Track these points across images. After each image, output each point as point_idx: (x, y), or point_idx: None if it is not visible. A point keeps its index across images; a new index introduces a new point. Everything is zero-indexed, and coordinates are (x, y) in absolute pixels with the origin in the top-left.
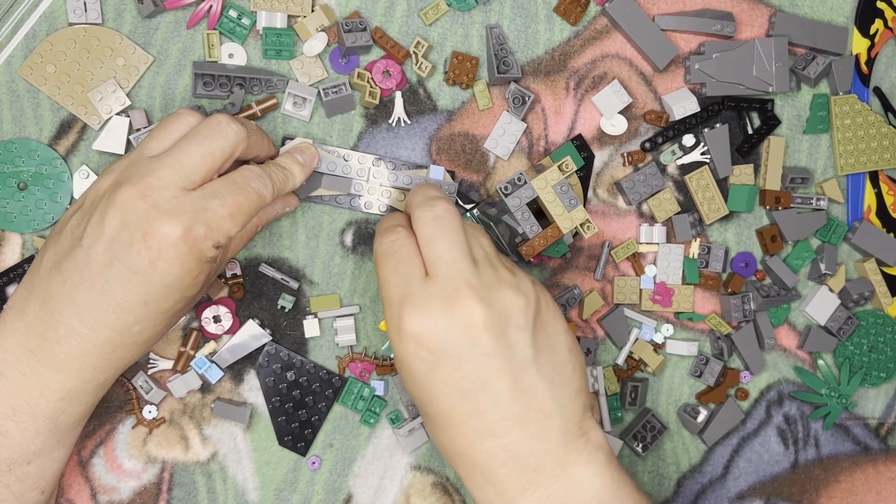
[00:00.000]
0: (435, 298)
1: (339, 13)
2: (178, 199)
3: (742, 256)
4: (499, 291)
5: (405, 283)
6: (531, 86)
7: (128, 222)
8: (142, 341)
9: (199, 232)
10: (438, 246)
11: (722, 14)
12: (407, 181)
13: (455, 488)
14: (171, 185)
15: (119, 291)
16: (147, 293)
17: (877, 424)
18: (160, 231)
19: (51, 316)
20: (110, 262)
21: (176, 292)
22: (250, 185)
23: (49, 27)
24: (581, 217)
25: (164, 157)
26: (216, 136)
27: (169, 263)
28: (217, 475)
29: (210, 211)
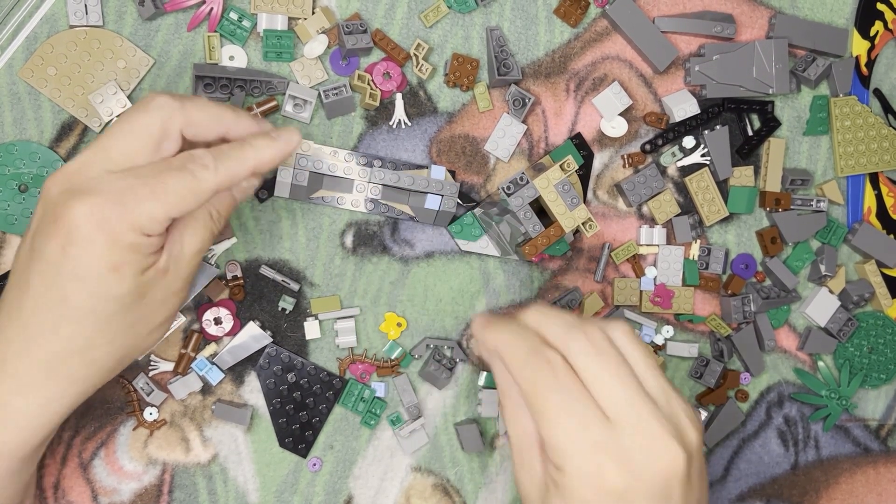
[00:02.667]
0: (635, 450)
1: (339, 15)
2: (93, 180)
3: (742, 258)
4: (685, 430)
5: (587, 428)
6: (531, 88)
7: (45, 211)
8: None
9: (112, 212)
10: (611, 384)
11: (722, 16)
12: (408, 182)
13: (455, 489)
14: (91, 167)
15: (36, 286)
16: (62, 286)
17: (877, 426)
18: (69, 212)
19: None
20: (30, 257)
21: (94, 285)
22: (186, 165)
23: (50, 29)
24: (583, 216)
25: (91, 142)
26: (140, 113)
27: (78, 248)
28: (218, 477)
29: (128, 190)
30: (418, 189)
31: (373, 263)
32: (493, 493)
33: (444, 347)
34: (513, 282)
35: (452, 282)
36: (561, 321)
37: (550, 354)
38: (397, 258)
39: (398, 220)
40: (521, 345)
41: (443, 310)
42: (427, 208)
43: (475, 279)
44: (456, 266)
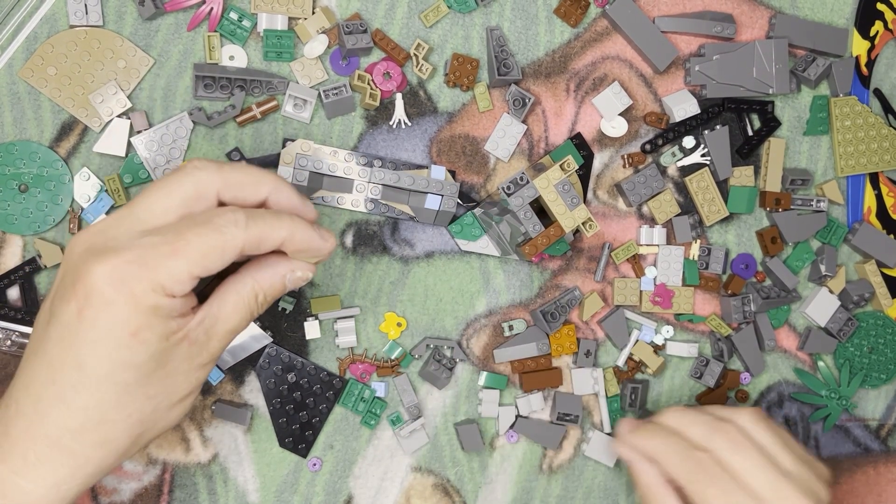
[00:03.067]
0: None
1: (339, 15)
2: (116, 240)
3: (742, 258)
4: (818, 490)
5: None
6: (531, 88)
7: (66, 271)
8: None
9: (129, 271)
10: (754, 473)
11: (722, 16)
12: (408, 182)
13: (455, 489)
14: (117, 227)
15: (52, 352)
16: (78, 352)
17: (877, 426)
18: (87, 273)
19: (7, 397)
20: (48, 320)
21: (112, 352)
22: (213, 220)
23: (50, 29)
24: (583, 216)
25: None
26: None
27: (95, 310)
28: (218, 476)
29: (150, 248)
30: (418, 189)
31: (373, 263)
32: (493, 493)
33: (444, 347)
34: (513, 281)
35: (452, 282)
36: (701, 423)
37: (700, 455)
38: (397, 258)
39: (398, 220)
40: (675, 448)
41: (443, 310)
42: (427, 208)
43: (475, 279)
44: (456, 266)
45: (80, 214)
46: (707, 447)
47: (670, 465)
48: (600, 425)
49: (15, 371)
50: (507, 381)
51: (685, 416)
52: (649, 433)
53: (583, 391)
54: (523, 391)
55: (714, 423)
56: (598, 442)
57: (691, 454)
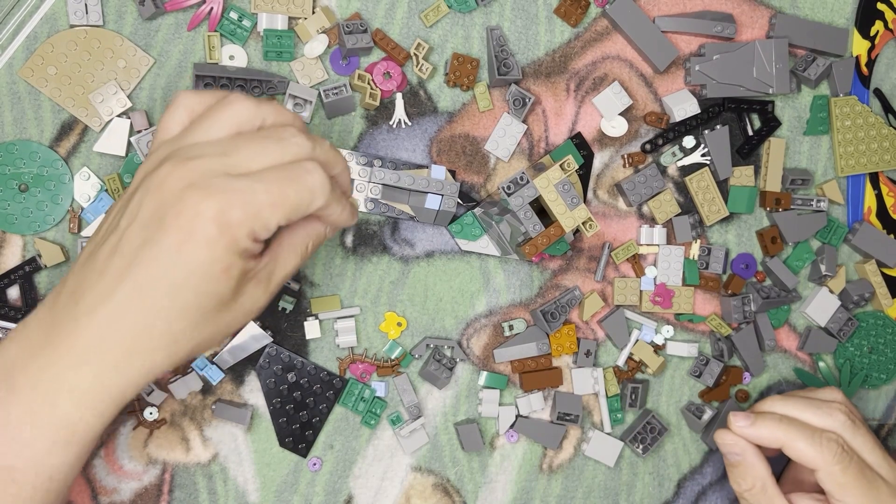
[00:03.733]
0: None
1: (339, 15)
2: (219, 179)
3: (742, 258)
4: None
5: (879, 491)
6: (532, 87)
7: (163, 201)
8: (166, 342)
9: (235, 216)
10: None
11: (722, 16)
12: (408, 182)
13: (455, 489)
14: (215, 168)
15: (144, 275)
16: (172, 280)
17: (877, 426)
18: (192, 209)
19: (75, 304)
20: (141, 245)
21: (203, 284)
22: (304, 179)
23: (50, 29)
24: (583, 215)
25: (217, 142)
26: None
27: (196, 246)
28: (218, 476)
29: (251, 195)
30: (418, 189)
31: (373, 263)
32: (493, 493)
33: (444, 347)
34: (513, 281)
35: (453, 281)
36: (813, 408)
37: (830, 437)
38: (397, 258)
39: (398, 219)
40: (803, 434)
41: (443, 309)
42: (427, 208)
43: (475, 279)
44: (456, 266)
45: (81, 214)
46: (831, 429)
47: (801, 451)
48: (600, 425)
49: None
50: (507, 381)
51: (795, 403)
52: (773, 422)
53: (583, 391)
54: (523, 391)
55: (826, 406)
56: (599, 442)
57: (821, 438)
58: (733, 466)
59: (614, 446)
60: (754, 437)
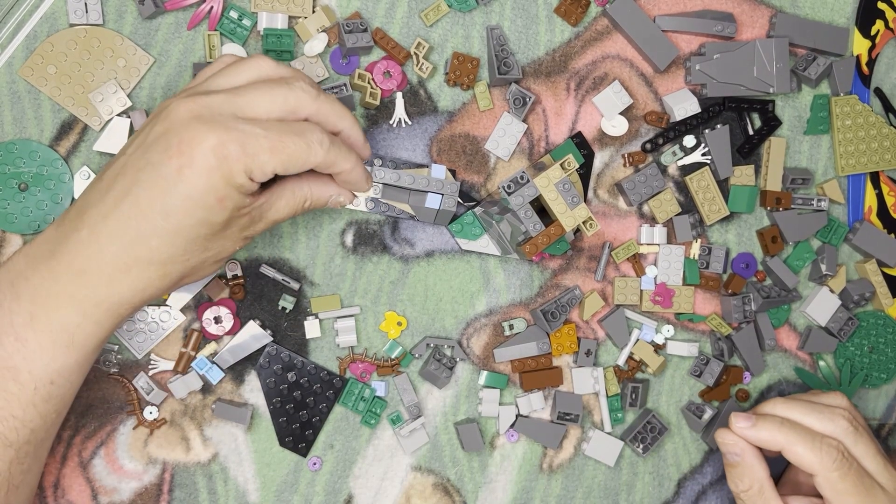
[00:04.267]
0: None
1: (339, 14)
2: (225, 118)
3: (743, 257)
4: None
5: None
6: (532, 87)
7: (169, 129)
8: (160, 261)
9: (233, 150)
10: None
11: (723, 15)
12: (409, 181)
13: (455, 489)
14: (224, 108)
15: (143, 195)
16: (169, 202)
17: (878, 426)
18: (194, 138)
19: (79, 219)
20: (143, 166)
21: (198, 210)
22: (304, 134)
23: (50, 28)
24: (583, 215)
25: (229, 89)
26: (283, 86)
27: (195, 172)
28: (218, 476)
29: (251, 136)
30: (419, 188)
31: (373, 262)
32: (493, 493)
33: (444, 347)
34: (513, 281)
35: (453, 281)
36: (816, 412)
37: (830, 443)
38: (397, 257)
39: (398, 219)
40: (803, 438)
41: (443, 309)
42: (427, 207)
43: (475, 278)
44: (456, 265)
45: None
46: (832, 435)
47: (800, 456)
48: (600, 424)
49: None
50: (507, 381)
51: (797, 406)
52: (774, 425)
53: (583, 390)
54: (523, 390)
55: (829, 411)
56: (599, 441)
57: (822, 443)
58: (732, 466)
59: (614, 446)
60: (754, 438)
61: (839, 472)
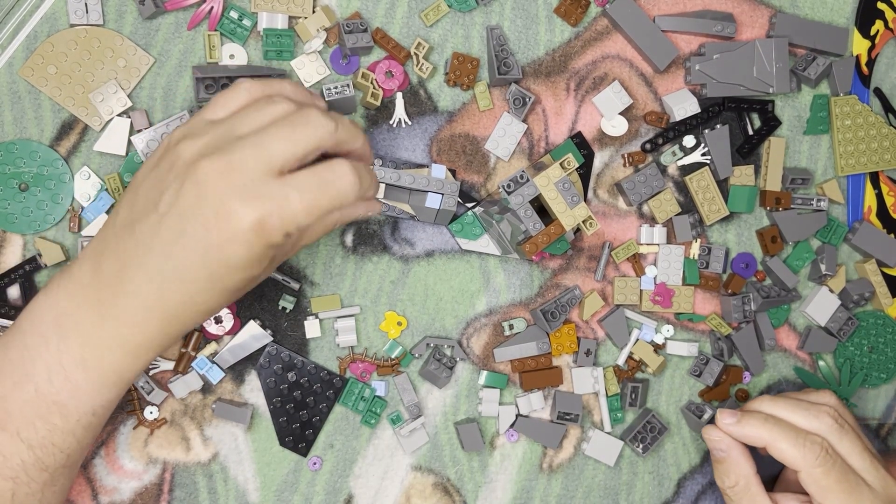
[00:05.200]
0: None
1: (339, 14)
2: (257, 184)
3: (742, 257)
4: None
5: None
6: (532, 87)
7: (204, 197)
8: (204, 311)
9: (273, 222)
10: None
11: (722, 15)
12: (409, 181)
13: (455, 488)
14: (253, 167)
15: (186, 264)
16: (212, 270)
17: (877, 425)
18: (234, 213)
19: (122, 273)
20: (181, 234)
21: (240, 272)
22: (335, 184)
23: (50, 28)
24: (583, 214)
25: (250, 137)
26: (304, 128)
27: (237, 246)
28: (218, 476)
29: (287, 202)
30: (419, 188)
31: (373, 262)
32: (493, 493)
33: (444, 346)
34: (513, 281)
35: (453, 281)
36: (801, 409)
37: (814, 439)
38: (397, 257)
39: (398, 219)
40: (787, 435)
41: (443, 309)
42: (428, 207)
43: (475, 278)
44: (456, 265)
45: (81, 213)
46: (816, 432)
47: (783, 452)
48: (600, 424)
49: None
50: (507, 381)
51: (783, 403)
52: (758, 421)
53: (583, 390)
54: (523, 390)
55: (814, 408)
56: (599, 441)
57: (805, 440)
58: (719, 462)
59: (614, 445)
60: (739, 434)
61: (822, 469)
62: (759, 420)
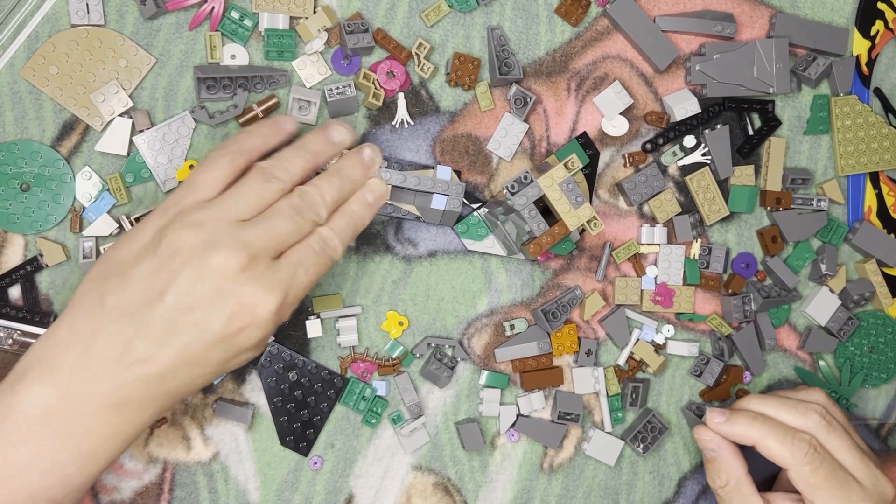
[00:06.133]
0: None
1: (340, 14)
2: (272, 270)
3: (743, 257)
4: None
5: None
6: (533, 87)
7: (223, 291)
8: (199, 387)
9: (288, 301)
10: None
11: (722, 15)
12: (414, 182)
13: (456, 488)
14: (266, 254)
15: (196, 352)
16: (222, 355)
17: (877, 425)
18: (259, 303)
19: (120, 362)
20: (195, 326)
21: (250, 352)
22: (327, 252)
23: (51, 29)
24: (587, 214)
25: (259, 224)
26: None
27: (257, 330)
28: (219, 475)
29: (297, 280)
30: (424, 189)
31: (375, 262)
32: (493, 493)
33: (445, 346)
34: (514, 281)
35: (455, 281)
36: (790, 407)
37: (803, 437)
38: (400, 257)
39: (402, 219)
40: (776, 433)
41: (444, 309)
42: (433, 208)
43: (477, 278)
44: (458, 265)
45: (82, 214)
46: (804, 429)
47: (772, 450)
48: (601, 424)
49: None
50: (508, 381)
51: (771, 401)
52: (747, 420)
53: (584, 390)
54: (524, 390)
55: (802, 406)
56: (599, 441)
57: (793, 437)
58: (709, 462)
59: (615, 445)
60: (728, 433)
61: (810, 466)
62: (748, 418)
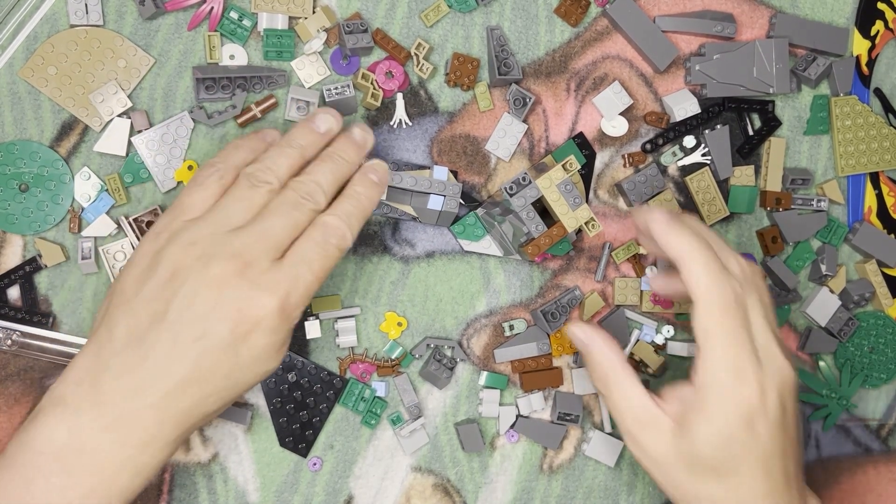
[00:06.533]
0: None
1: (340, 15)
2: (272, 272)
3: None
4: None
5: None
6: (532, 87)
7: (222, 298)
8: (212, 412)
9: (293, 301)
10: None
11: (722, 15)
12: (411, 183)
13: (455, 489)
14: (262, 257)
15: (206, 365)
16: (232, 366)
17: (877, 426)
18: (258, 305)
19: (129, 390)
20: (200, 337)
21: (261, 364)
22: (331, 242)
23: (50, 29)
24: (586, 215)
25: (251, 228)
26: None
27: (263, 334)
28: (218, 476)
29: (301, 278)
30: (421, 190)
31: (373, 263)
32: (493, 493)
33: (444, 347)
34: (513, 281)
35: (453, 282)
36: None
37: (735, 282)
38: (398, 258)
39: (399, 220)
40: (710, 260)
41: (443, 309)
42: (430, 209)
43: (475, 279)
44: (456, 266)
45: (81, 214)
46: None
47: (694, 276)
48: (601, 425)
49: (14, 370)
50: (507, 381)
51: (714, 236)
52: (688, 232)
53: (583, 391)
54: (524, 391)
55: (745, 262)
56: (599, 442)
57: (725, 275)
58: (585, 357)
59: (615, 446)
60: (663, 237)
61: (722, 312)
62: (689, 232)
